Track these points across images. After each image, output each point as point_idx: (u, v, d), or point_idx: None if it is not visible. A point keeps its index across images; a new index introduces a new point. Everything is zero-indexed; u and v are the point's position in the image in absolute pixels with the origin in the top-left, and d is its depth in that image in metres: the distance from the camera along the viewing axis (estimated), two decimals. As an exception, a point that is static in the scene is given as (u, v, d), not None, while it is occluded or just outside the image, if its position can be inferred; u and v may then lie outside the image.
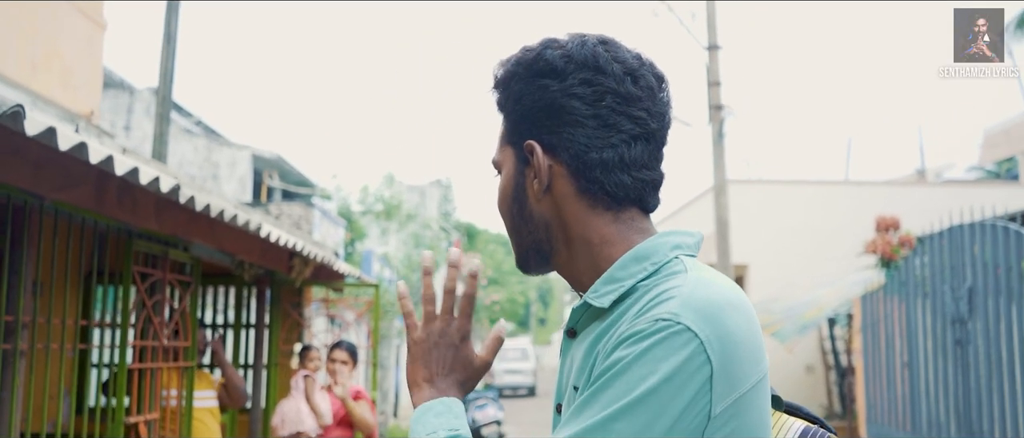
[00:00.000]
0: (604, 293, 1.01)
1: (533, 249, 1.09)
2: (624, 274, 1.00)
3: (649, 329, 0.91)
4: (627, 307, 0.99)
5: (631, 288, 0.99)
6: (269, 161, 19.10)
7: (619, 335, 0.94)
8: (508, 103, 1.09)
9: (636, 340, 0.91)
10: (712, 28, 11.45)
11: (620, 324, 0.97)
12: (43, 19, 6.32)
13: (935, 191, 15.29)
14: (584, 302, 1.03)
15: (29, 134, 2.16)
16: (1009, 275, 6.41)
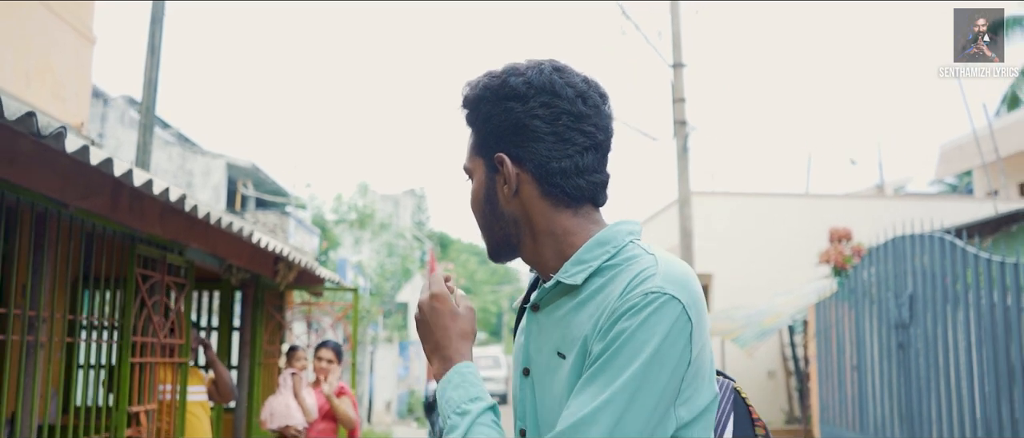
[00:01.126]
0: (574, 273, 1.22)
1: (503, 242, 1.30)
2: (590, 256, 1.23)
3: (643, 302, 1.12)
4: (603, 284, 1.20)
5: (598, 268, 1.21)
6: (243, 170, 19.21)
7: (615, 310, 1.14)
8: (478, 122, 1.28)
9: (634, 312, 1.12)
10: (677, 47, 11.94)
11: (599, 297, 1.18)
12: (36, 35, 6.60)
13: (891, 204, 15.91)
14: (556, 281, 1.23)
15: (68, 151, 2.51)
16: (944, 283, 6.92)
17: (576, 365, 1.18)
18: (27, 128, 2.34)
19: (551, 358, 1.23)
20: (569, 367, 1.19)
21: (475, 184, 1.30)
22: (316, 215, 25.22)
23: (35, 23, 6.54)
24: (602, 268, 1.21)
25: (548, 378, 1.24)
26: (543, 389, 1.25)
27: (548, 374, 1.24)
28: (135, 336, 4.06)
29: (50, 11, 6.71)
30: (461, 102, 1.30)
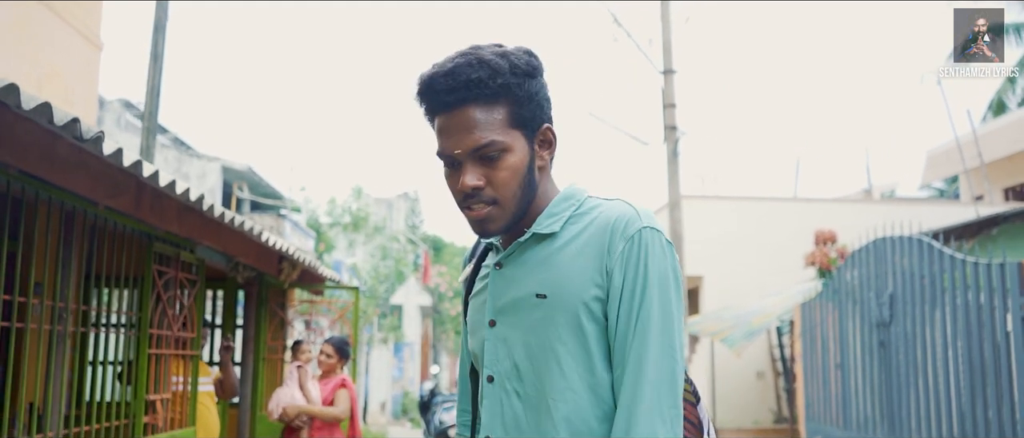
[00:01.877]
0: (549, 223, 1.36)
1: (521, 213, 1.37)
2: (560, 209, 1.38)
3: (643, 239, 1.30)
4: (581, 229, 1.35)
5: (569, 218, 1.37)
6: (239, 173, 19.36)
7: (619, 252, 1.30)
8: (522, 97, 1.33)
9: (640, 250, 1.30)
10: (668, 53, 12.21)
11: (584, 237, 1.33)
12: (47, 41, 6.83)
13: (878, 208, 16.22)
14: (532, 233, 1.36)
15: (105, 154, 2.75)
16: (923, 283, 7.20)
17: (570, 294, 1.30)
18: (70, 132, 2.58)
19: (526, 300, 1.33)
20: (557, 302, 1.31)
21: (516, 157, 1.33)
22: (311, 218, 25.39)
23: (46, 30, 6.76)
24: (572, 217, 1.36)
25: (523, 317, 1.34)
26: (518, 328, 1.34)
27: (523, 314, 1.34)
28: (151, 329, 4.29)
29: (60, 19, 6.93)
30: (487, 77, 1.31)
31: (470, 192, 1.32)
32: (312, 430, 5.30)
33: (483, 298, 1.42)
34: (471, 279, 1.48)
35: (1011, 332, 6.04)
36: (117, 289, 4.30)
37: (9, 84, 2.20)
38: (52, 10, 6.78)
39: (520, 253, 1.38)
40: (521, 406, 1.34)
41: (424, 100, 1.35)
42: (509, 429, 1.34)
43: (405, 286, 24.75)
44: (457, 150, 1.32)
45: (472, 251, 1.52)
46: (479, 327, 1.41)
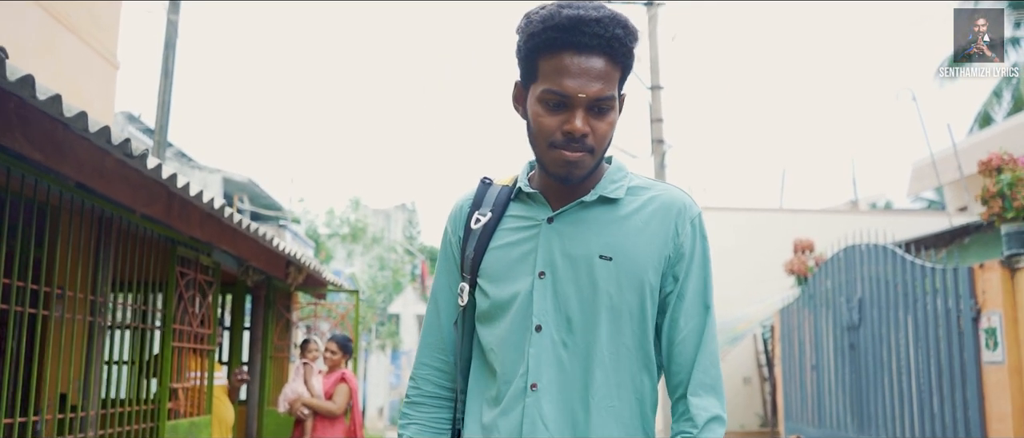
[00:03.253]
0: (614, 190, 1.44)
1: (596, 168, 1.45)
2: (619, 177, 1.47)
3: (697, 214, 1.46)
4: (643, 202, 1.44)
5: (628, 188, 1.46)
6: (240, 184, 19.77)
7: (687, 233, 1.43)
8: (629, 59, 1.38)
9: (699, 229, 1.46)
10: (655, 71, 12.75)
11: (647, 211, 1.43)
12: (70, 62, 7.31)
13: (862, 219, 16.73)
14: (598, 195, 1.43)
15: (149, 168, 3.24)
16: (889, 289, 7.69)
17: (637, 261, 1.40)
18: (121, 150, 3.07)
19: (588, 259, 1.40)
20: (624, 266, 1.40)
21: (615, 116, 1.40)
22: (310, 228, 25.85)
23: (69, 51, 7.26)
24: (630, 189, 1.46)
25: (582, 274, 1.40)
26: (574, 283, 1.40)
27: (582, 271, 1.40)
28: (174, 325, 4.77)
29: (81, 41, 7.42)
30: (625, 37, 1.36)
31: (579, 135, 1.35)
32: (315, 420, 5.77)
33: (524, 249, 1.44)
34: (491, 228, 1.48)
35: (964, 332, 6.54)
36: (143, 290, 4.78)
37: (80, 112, 2.69)
38: (74, 32, 7.27)
39: (578, 212, 1.44)
40: (567, 355, 1.39)
41: (560, 34, 1.33)
42: (554, 377, 1.39)
43: (403, 295, 25.19)
44: (581, 93, 1.33)
45: (476, 201, 1.53)
46: (517, 276, 1.43)
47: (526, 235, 1.44)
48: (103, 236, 3.93)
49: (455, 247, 1.53)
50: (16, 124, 2.75)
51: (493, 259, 1.45)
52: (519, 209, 1.48)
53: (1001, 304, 6.19)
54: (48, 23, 6.84)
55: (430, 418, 1.53)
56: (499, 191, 1.51)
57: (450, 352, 1.53)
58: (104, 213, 3.88)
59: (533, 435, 1.36)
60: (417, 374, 1.56)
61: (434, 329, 1.55)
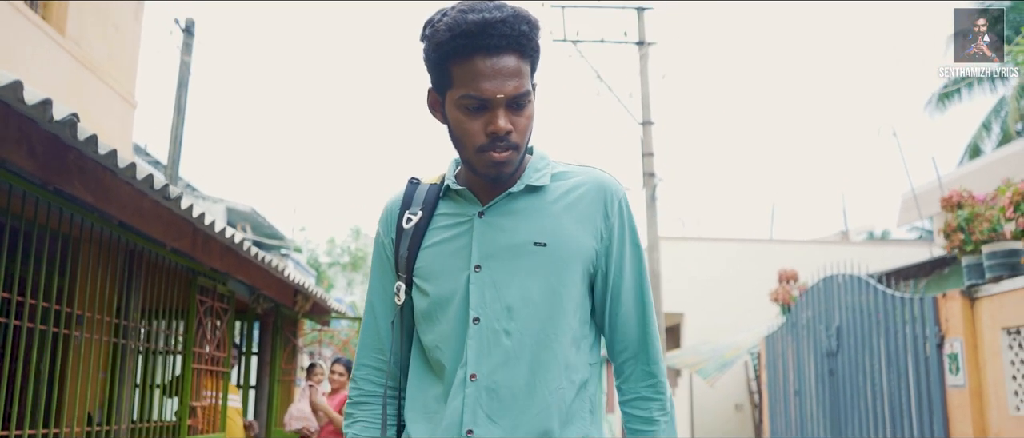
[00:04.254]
0: (538, 178, 1.47)
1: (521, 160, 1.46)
2: (542, 166, 1.50)
3: (623, 194, 1.51)
4: (568, 187, 1.48)
5: (552, 175, 1.49)
6: (243, 214, 20.18)
7: (615, 211, 1.47)
8: (536, 51, 1.41)
9: (624, 204, 1.50)
10: (646, 106, 13.27)
11: (573, 195, 1.46)
12: (92, 102, 7.81)
13: (850, 250, 17.17)
14: (524, 185, 1.46)
15: (182, 208, 3.70)
16: (863, 317, 8.13)
17: (570, 244, 1.44)
18: (162, 194, 3.53)
19: (523, 247, 1.43)
20: (559, 250, 1.43)
21: (532, 109, 1.43)
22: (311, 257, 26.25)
23: (91, 91, 7.75)
24: (554, 175, 1.50)
25: (519, 263, 1.42)
26: (512, 273, 1.42)
27: (519, 260, 1.42)
28: (194, 348, 5.21)
29: (103, 82, 7.92)
30: (529, 32, 1.38)
31: (503, 135, 1.37)
32: (321, 435, 6.19)
33: (457, 244, 1.47)
34: (422, 227, 1.50)
35: (929, 358, 6.96)
36: (167, 316, 5.22)
37: (130, 163, 3.15)
38: (97, 74, 7.77)
39: (507, 203, 1.47)
40: (510, 344, 1.40)
41: (469, 40, 1.34)
42: (496, 366, 1.40)
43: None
44: (499, 94, 1.35)
45: (405, 201, 1.55)
46: (452, 272, 1.45)
47: (458, 231, 1.47)
48: (134, 267, 4.38)
49: (388, 248, 1.55)
50: (74, 172, 3.21)
51: (427, 257, 1.48)
52: (449, 206, 1.51)
53: (962, 332, 6.62)
54: (75, 67, 7.34)
55: (373, 415, 1.55)
56: (427, 190, 1.54)
57: (387, 351, 1.55)
58: (136, 246, 4.33)
59: (474, 425, 1.38)
60: (357, 375, 1.59)
61: (371, 330, 1.57)
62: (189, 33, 10.57)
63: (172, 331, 5.08)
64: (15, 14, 6.46)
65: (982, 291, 6.50)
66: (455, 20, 1.35)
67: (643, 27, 13.39)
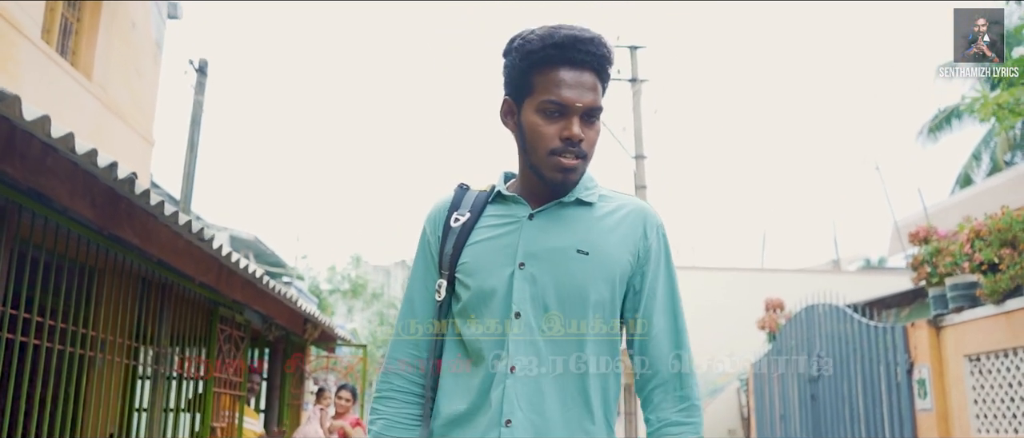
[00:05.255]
0: (588, 194, 1.57)
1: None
2: (592, 185, 1.59)
3: (661, 222, 1.60)
4: (613, 208, 1.58)
5: (599, 195, 1.59)
6: (246, 242, 20.59)
7: (653, 236, 1.57)
8: (609, 79, 1.55)
9: (663, 231, 1.60)
10: (639, 141, 13.79)
11: (617, 215, 1.56)
12: (114, 141, 8.32)
13: (839, 278, 17.62)
14: (576, 198, 1.55)
15: (214, 248, 4.17)
16: (842, 344, 8.58)
17: (610, 258, 1.52)
18: (197, 236, 4.01)
19: (566, 252, 1.51)
20: (598, 260, 1.51)
21: (598, 130, 1.55)
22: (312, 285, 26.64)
23: (114, 131, 8.26)
24: (602, 196, 1.60)
25: (559, 265, 1.50)
26: (552, 273, 1.50)
27: (559, 263, 1.50)
28: (215, 373, 5.66)
29: (124, 123, 8.43)
30: (609, 55, 1.53)
31: (576, 141, 1.48)
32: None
33: (504, 242, 1.54)
34: (469, 226, 1.58)
35: (900, 383, 7.41)
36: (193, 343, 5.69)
37: (174, 211, 3.64)
38: (119, 116, 8.28)
39: (556, 210, 1.56)
40: (543, 342, 1.48)
41: (557, 51, 1.47)
42: (531, 361, 1.47)
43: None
44: (579, 103, 1.47)
45: (454, 203, 1.63)
46: (497, 267, 1.52)
47: (506, 230, 1.54)
48: (164, 299, 4.85)
49: (434, 246, 1.61)
50: (125, 218, 3.70)
51: (473, 252, 1.55)
52: (498, 209, 1.58)
53: (929, 359, 7.08)
54: (100, 110, 7.85)
55: (398, 413, 1.59)
56: (476, 195, 1.62)
57: (424, 349, 1.60)
58: (168, 281, 4.81)
59: (512, 414, 1.44)
60: (389, 369, 1.62)
61: (408, 327, 1.62)
62: (202, 73, 11.11)
63: (195, 357, 5.54)
64: (48, 63, 6.99)
65: (946, 321, 6.97)
66: (548, 32, 1.49)
67: (636, 65, 13.95)
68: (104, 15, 7.99)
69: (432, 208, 1.65)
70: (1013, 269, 5.71)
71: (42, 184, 3.03)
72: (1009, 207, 6.13)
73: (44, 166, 3.03)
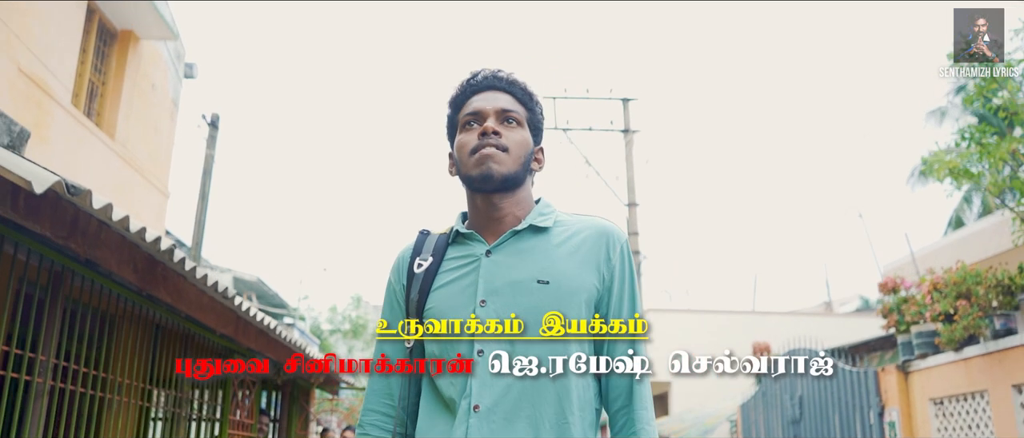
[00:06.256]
0: (542, 220, 1.58)
1: (516, 182, 1.59)
2: (547, 211, 1.62)
3: (625, 239, 1.61)
4: (570, 232, 1.58)
5: (555, 221, 1.60)
6: (249, 283, 21.00)
7: (617, 255, 1.57)
8: (534, 110, 1.65)
9: (626, 249, 1.60)
10: (631, 189, 14.32)
11: (576, 240, 1.57)
12: (132, 194, 8.85)
13: (828, 321, 18.06)
14: (529, 225, 1.56)
15: (243, 308, 4.67)
16: (821, 388, 9.02)
17: (572, 284, 1.51)
18: (223, 295, 4.51)
19: (526, 284, 1.50)
20: (560, 288, 1.50)
21: (525, 135, 1.61)
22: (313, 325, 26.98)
23: (132, 185, 8.80)
24: (557, 221, 1.60)
25: (521, 299, 1.49)
26: (514, 307, 1.49)
27: (521, 296, 1.49)
28: (230, 415, 6.13)
29: (142, 177, 8.97)
30: (520, 81, 1.63)
31: (492, 132, 1.55)
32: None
33: (465, 283, 1.55)
34: (433, 271, 1.59)
35: (873, 425, 7.85)
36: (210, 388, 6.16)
37: (204, 274, 4.15)
38: (138, 171, 8.83)
39: (513, 243, 1.57)
40: (508, 377, 1.47)
41: (469, 86, 1.62)
42: (498, 398, 1.45)
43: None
44: (489, 106, 1.58)
45: (416, 249, 1.65)
46: (460, 309, 1.52)
47: (466, 270, 1.55)
48: (187, 348, 5.34)
49: (400, 294, 1.63)
50: (160, 280, 4.20)
51: (437, 298, 1.55)
52: (457, 250, 1.60)
53: (898, 402, 7.53)
54: (121, 166, 8.40)
55: None
56: (437, 238, 1.64)
57: (396, 396, 1.61)
58: (190, 332, 5.30)
59: None
60: (364, 421, 1.63)
61: (380, 378, 1.63)
62: (214, 126, 11.69)
63: (211, 400, 6.01)
64: (77, 125, 7.55)
65: (913, 366, 7.44)
66: (461, 78, 1.65)
67: (628, 116, 14.55)
68: (127, 78, 8.57)
69: (396, 257, 1.68)
70: (966, 320, 6.19)
71: (96, 256, 3.54)
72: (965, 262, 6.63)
73: (99, 240, 3.55)
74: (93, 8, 8.03)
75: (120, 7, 8.20)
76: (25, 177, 2.60)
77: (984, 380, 6.41)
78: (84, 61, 8.00)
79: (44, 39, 6.94)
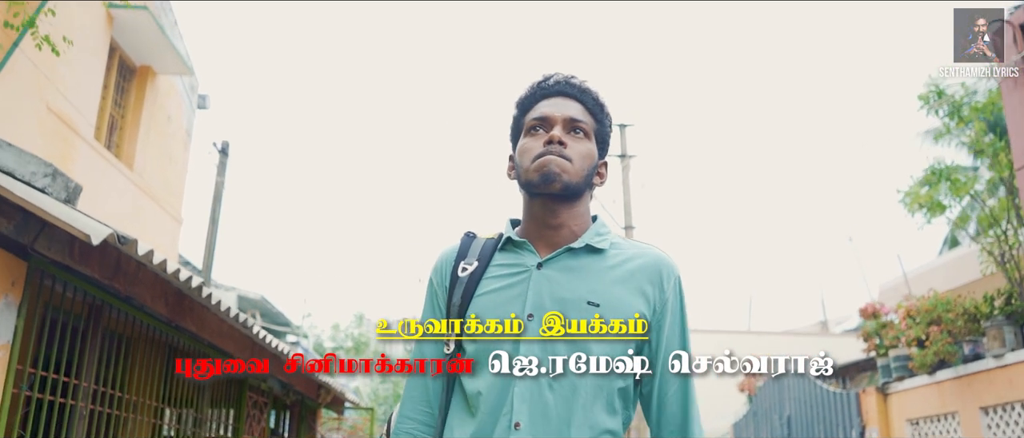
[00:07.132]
0: (599, 241, 1.54)
1: (578, 192, 1.55)
2: (604, 232, 1.58)
3: (679, 273, 1.57)
4: (625, 257, 1.54)
5: (611, 243, 1.56)
6: (253, 302, 21.36)
7: (671, 287, 1.53)
8: (603, 123, 1.61)
9: (679, 282, 1.56)
10: (628, 213, 14.74)
11: (630, 265, 1.53)
12: (148, 221, 9.26)
13: (823, 341, 18.40)
14: (585, 244, 1.53)
15: (260, 336, 5.07)
16: (807, 408, 9.40)
17: (622, 310, 1.47)
18: (243, 325, 4.92)
19: (575, 303, 1.47)
20: (610, 313, 1.47)
21: (591, 148, 1.58)
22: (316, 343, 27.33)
23: (147, 213, 9.21)
24: (613, 243, 1.57)
25: (570, 320, 1.46)
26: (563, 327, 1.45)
27: (570, 316, 1.45)
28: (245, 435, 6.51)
29: (157, 204, 9.39)
30: (592, 91, 1.60)
31: (557, 141, 1.51)
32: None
33: (513, 293, 1.50)
34: (478, 276, 1.54)
35: (855, 444, 8.23)
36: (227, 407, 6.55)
37: (227, 307, 4.56)
38: (153, 199, 9.25)
39: (566, 259, 1.52)
40: (552, 397, 1.43)
41: (539, 89, 1.59)
42: (537, 417, 1.42)
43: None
44: (557, 113, 1.54)
45: (461, 252, 1.60)
46: (505, 318, 1.48)
47: (515, 280, 1.51)
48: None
49: (441, 297, 1.59)
50: (187, 312, 4.62)
51: (481, 304, 1.51)
52: (506, 257, 1.55)
53: (878, 422, 7.91)
54: (138, 195, 8.82)
55: None
56: (484, 243, 1.59)
57: (434, 403, 1.57)
58: (205, 353, 5.70)
59: None
60: (399, 427, 1.59)
61: (418, 381, 1.58)
62: (224, 154, 12.13)
63: (225, 419, 6.41)
64: (98, 157, 7.98)
65: (892, 388, 7.82)
66: (534, 79, 1.62)
67: (625, 142, 14.99)
68: (145, 110, 9.01)
69: (438, 258, 1.63)
70: (936, 345, 6.58)
71: (134, 292, 3.95)
72: (937, 290, 7.03)
73: (137, 278, 3.96)
74: (114, 46, 8.48)
75: (139, 44, 8.66)
76: (84, 231, 3.01)
77: (955, 402, 6.78)
78: (106, 96, 8.44)
79: (70, 78, 7.39)
